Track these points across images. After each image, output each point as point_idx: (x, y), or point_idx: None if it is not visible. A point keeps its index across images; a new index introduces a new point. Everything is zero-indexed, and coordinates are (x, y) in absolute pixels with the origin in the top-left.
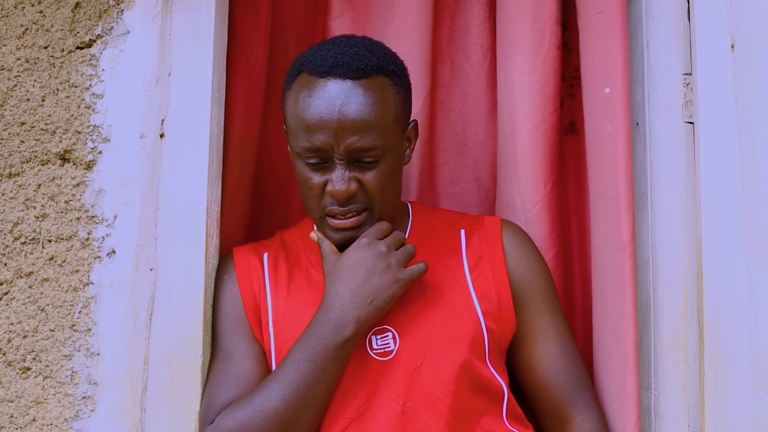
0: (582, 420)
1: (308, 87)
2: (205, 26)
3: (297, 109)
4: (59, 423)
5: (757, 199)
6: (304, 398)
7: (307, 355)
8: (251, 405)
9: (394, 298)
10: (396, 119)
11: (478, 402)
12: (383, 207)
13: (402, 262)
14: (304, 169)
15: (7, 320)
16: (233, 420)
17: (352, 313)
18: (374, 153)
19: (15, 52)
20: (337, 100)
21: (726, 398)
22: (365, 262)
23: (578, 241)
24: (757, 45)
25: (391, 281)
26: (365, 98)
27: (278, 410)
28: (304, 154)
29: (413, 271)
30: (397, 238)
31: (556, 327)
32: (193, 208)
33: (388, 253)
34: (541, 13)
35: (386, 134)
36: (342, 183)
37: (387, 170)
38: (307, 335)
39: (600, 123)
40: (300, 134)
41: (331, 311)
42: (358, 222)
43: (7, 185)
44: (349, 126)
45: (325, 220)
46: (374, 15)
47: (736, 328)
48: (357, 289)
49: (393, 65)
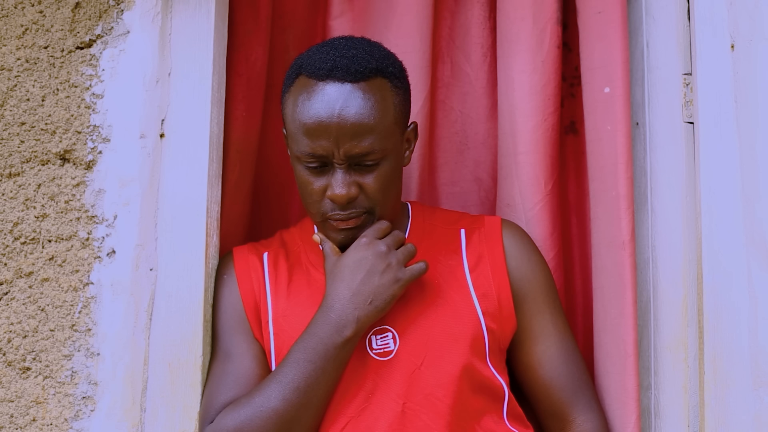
0: (582, 420)
1: (307, 90)
2: (205, 26)
3: (296, 113)
4: (59, 423)
5: (757, 199)
6: (303, 398)
7: (307, 355)
8: (251, 405)
9: (395, 298)
10: (395, 121)
11: (479, 402)
12: (384, 209)
13: (402, 261)
14: (304, 173)
15: (7, 320)
16: (233, 420)
17: (353, 314)
18: (374, 156)
19: (15, 52)
20: (336, 104)
21: (726, 398)
22: (365, 262)
23: (579, 241)
24: (757, 45)
25: (391, 281)
26: (364, 101)
27: (278, 410)
28: (303, 159)
29: (413, 271)
30: (397, 237)
31: (556, 327)
32: (193, 208)
33: (388, 253)
34: (542, 12)
35: (386, 137)
36: (342, 187)
37: (387, 173)
38: (307, 335)
39: (600, 123)
40: (299, 138)
41: (331, 311)
42: (359, 222)
43: (7, 185)
44: (349, 130)
45: (326, 222)
46: (374, 15)
47: (736, 328)
48: (357, 289)
49: (392, 67)
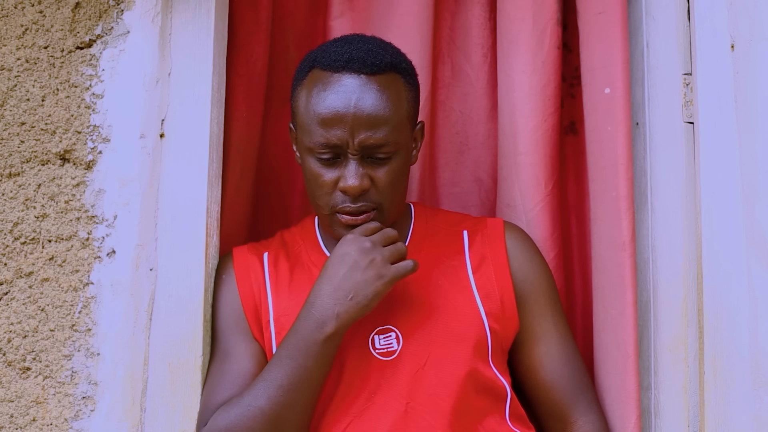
0: (583, 421)
1: (322, 82)
2: (205, 26)
3: (310, 104)
4: (59, 423)
5: (757, 200)
6: (287, 396)
7: (290, 352)
8: (240, 404)
9: (379, 295)
10: (408, 117)
11: (482, 402)
12: (392, 206)
13: (388, 258)
14: (315, 165)
15: (7, 320)
16: (223, 420)
17: (332, 309)
18: (387, 149)
19: (15, 52)
20: (352, 95)
21: (726, 398)
22: (347, 258)
23: (579, 241)
24: (757, 45)
25: (374, 277)
26: (380, 93)
27: (264, 409)
28: (317, 149)
29: (399, 269)
30: (385, 234)
31: (557, 329)
32: (193, 208)
33: (372, 249)
34: (542, 13)
35: (399, 131)
36: (355, 179)
37: (398, 168)
38: (291, 333)
39: (600, 123)
40: (314, 129)
41: (312, 308)
42: (367, 219)
43: (7, 185)
44: (365, 120)
45: (335, 216)
46: (374, 15)
47: (736, 328)
48: (338, 284)
49: (405, 64)
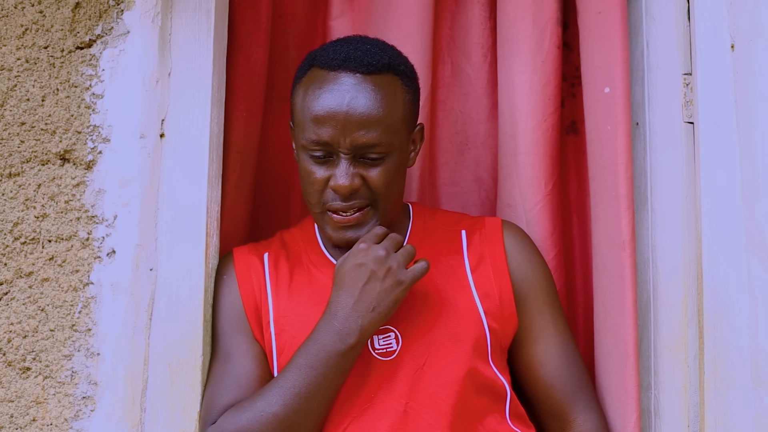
0: (582, 420)
1: (319, 80)
2: (205, 27)
3: (306, 101)
4: (59, 423)
5: (757, 199)
6: (304, 404)
7: (309, 361)
8: (253, 409)
9: (398, 302)
10: (403, 119)
11: (481, 402)
12: (386, 205)
13: (402, 263)
14: (308, 163)
15: (7, 320)
16: (234, 423)
17: (356, 322)
18: (379, 150)
19: (15, 52)
20: (346, 94)
21: (726, 398)
22: (365, 269)
23: (580, 241)
24: (757, 45)
25: (393, 285)
26: (374, 93)
27: (278, 415)
28: (309, 147)
29: (416, 272)
30: (395, 240)
31: (556, 327)
32: (193, 208)
33: (387, 257)
34: (542, 13)
35: (393, 132)
36: (345, 178)
37: (391, 169)
38: (311, 342)
39: (600, 123)
40: (307, 126)
41: (334, 320)
42: (360, 218)
43: (7, 185)
44: (357, 120)
45: (325, 215)
46: (374, 15)
47: (736, 328)
48: (359, 297)
49: (404, 66)
